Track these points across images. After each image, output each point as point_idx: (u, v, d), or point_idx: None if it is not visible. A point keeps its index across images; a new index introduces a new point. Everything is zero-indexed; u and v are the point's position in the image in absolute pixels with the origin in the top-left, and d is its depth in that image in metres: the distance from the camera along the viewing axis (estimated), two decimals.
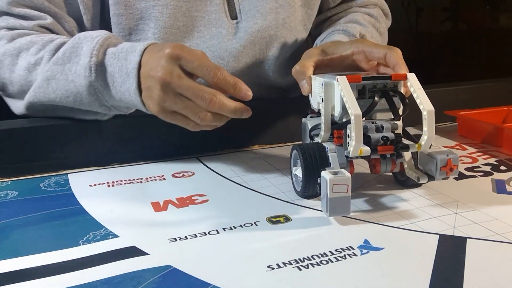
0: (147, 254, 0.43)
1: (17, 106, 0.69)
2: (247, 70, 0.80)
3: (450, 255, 0.42)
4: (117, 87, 0.60)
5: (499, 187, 0.57)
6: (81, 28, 0.73)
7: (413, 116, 0.53)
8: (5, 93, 0.70)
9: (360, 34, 0.79)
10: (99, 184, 0.61)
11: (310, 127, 0.58)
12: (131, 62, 0.58)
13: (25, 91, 0.66)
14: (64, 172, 0.65)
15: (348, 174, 0.47)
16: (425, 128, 0.48)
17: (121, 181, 0.62)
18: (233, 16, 0.77)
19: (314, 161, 0.51)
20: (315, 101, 0.57)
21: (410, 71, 0.53)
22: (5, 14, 0.69)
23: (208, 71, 0.54)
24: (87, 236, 0.47)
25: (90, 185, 0.61)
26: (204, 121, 0.55)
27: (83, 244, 0.45)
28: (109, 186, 0.60)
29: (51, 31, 0.70)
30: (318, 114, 0.58)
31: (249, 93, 0.55)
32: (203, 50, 0.75)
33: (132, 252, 0.44)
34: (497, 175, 0.61)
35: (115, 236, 0.47)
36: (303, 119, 0.61)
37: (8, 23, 0.69)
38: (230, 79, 0.55)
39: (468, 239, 0.45)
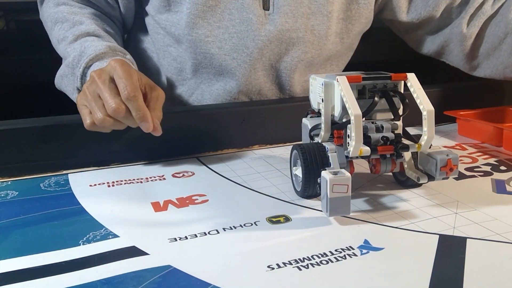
0: (147, 254, 0.44)
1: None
2: (268, 65, 0.81)
3: (450, 255, 0.42)
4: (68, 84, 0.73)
5: (499, 187, 0.57)
6: None
7: (414, 116, 0.53)
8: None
9: None
10: (99, 184, 0.61)
11: (310, 127, 0.58)
12: (81, 67, 0.69)
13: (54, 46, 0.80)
14: (64, 172, 0.66)
15: (348, 174, 0.47)
16: (425, 128, 0.48)
17: (121, 181, 0.62)
18: (266, 7, 0.78)
19: (314, 161, 0.51)
20: (315, 101, 0.57)
21: (410, 71, 0.52)
22: None
23: (125, 85, 0.57)
24: (87, 236, 0.47)
25: (90, 185, 0.61)
26: (102, 123, 0.59)
27: (83, 244, 0.45)
28: (109, 186, 0.60)
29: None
30: (318, 114, 0.58)
31: (150, 128, 0.59)
32: (231, 34, 0.79)
33: (132, 252, 0.44)
34: (497, 175, 0.61)
35: (115, 236, 0.47)
36: (303, 119, 0.61)
37: None
38: (137, 106, 0.58)
39: (468, 239, 0.45)
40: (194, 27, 0.78)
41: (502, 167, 0.64)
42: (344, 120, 0.51)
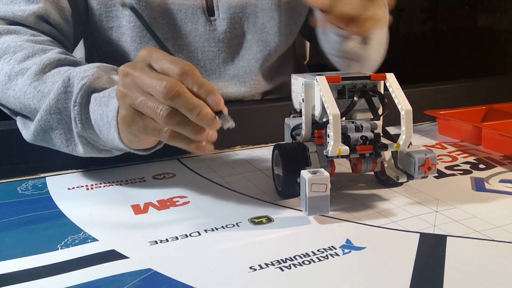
0: (127, 257, 0.43)
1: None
2: (227, 75, 0.80)
3: (431, 253, 0.43)
4: (104, 136, 0.53)
5: (478, 185, 0.58)
6: (68, 16, 0.70)
7: (395, 115, 0.53)
8: None
9: None
10: (77, 187, 0.60)
11: (292, 127, 0.58)
12: (112, 109, 0.50)
13: (1, 99, 0.61)
14: (42, 175, 0.64)
15: (326, 173, 0.47)
16: (403, 128, 0.49)
17: (100, 183, 0.61)
18: (211, 13, 0.75)
19: (295, 160, 0.51)
20: (297, 101, 0.57)
21: (390, 71, 0.53)
22: None
23: (175, 63, 0.45)
24: (66, 240, 0.46)
25: (69, 188, 0.59)
26: (168, 120, 0.44)
27: (61, 249, 0.45)
28: (88, 189, 0.59)
29: (42, 19, 0.67)
30: (300, 114, 0.58)
31: (221, 103, 0.46)
32: (181, 47, 0.74)
33: (112, 255, 0.43)
34: (476, 173, 0.62)
35: (94, 239, 0.46)
36: (286, 119, 0.61)
37: None
38: (200, 79, 0.45)
39: (448, 237, 0.45)
40: (141, 42, 0.74)
41: (481, 166, 0.65)
42: (324, 119, 0.51)
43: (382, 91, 0.53)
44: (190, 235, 0.47)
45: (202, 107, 0.44)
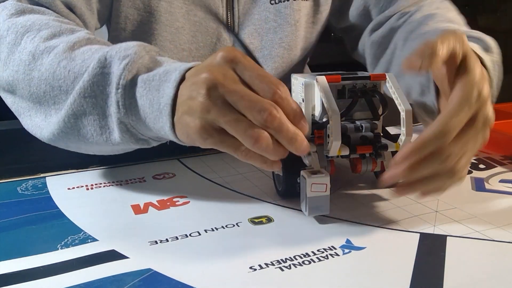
0: (127, 257, 0.43)
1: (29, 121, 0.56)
2: None
3: (431, 253, 0.43)
4: (150, 124, 0.48)
5: (478, 185, 0.58)
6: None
7: (395, 115, 0.53)
8: None
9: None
10: (77, 187, 0.60)
11: None
12: (164, 95, 0.46)
13: (19, 83, 0.53)
14: (42, 175, 0.64)
15: (326, 174, 0.47)
16: (403, 128, 0.49)
17: (100, 183, 0.61)
18: (231, 29, 0.75)
19: (295, 160, 0.51)
20: (297, 101, 0.57)
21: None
22: None
23: (269, 84, 0.42)
24: (66, 240, 0.46)
25: (69, 188, 0.59)
26: (258, 144, 0.41)
27: (61, 249, 0.45)
28: (88, 189, 0.59)
29: (68, 6, 0.62)
30: None
31: (305, 143, 0.43)
32: (195, 58, 0.74)
33: (112, 255, 0.43)
34: (476, 173, 0.62)
35: (94, 240, 0.46)
36: None
37: None
38: (294, 104, 0.43)
39: (448, 237, 0.45)
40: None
41: (481, 166, 0.65)
42: (324, 119, 0.51)
43: (381, 91, 0.53)
44: (190, 235, 0.47)
45: (298, 135, 0.43)
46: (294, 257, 0.42)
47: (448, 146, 0.43)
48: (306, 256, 0.42)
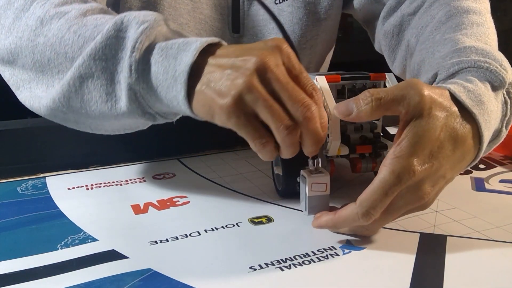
0: (127, 257, 0.43)
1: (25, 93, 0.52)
2: None
3: (431, 253, 0.43)
4: (162, 93, 0.45)
5: (478, 185, 0.58)
6: None
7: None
8: None
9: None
10: (77, 187, 0.60)
11: None
12: (182, 63, 0.43)
13: (21, 50, 0.50)
14: (42, 175, 0.64)
15: (326, 173, 0.47)
16: None
17: (100, 183, 0.61)
18: (236, 30, 0.75)
19: (295, 160, 0.51)
20: None
21: (390, 71, 0.53)
22: None
23: (310, 83, 0.43)
24: (66, 240, 0.46)
25: (69, 188, 0.59)
26: (290, 136, 0.41)
27: (61, 248, 0.45)
28: (88, 189, 0.59)
29: None
30: None
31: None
32: None
33: (112, 255, 0.43)
34: (476, 173, 0.62)
35: (94, 239, 0.46)
36: None
37: None
38: (323, 110, 0.43)
39: (448, 237, 0.45)
40: None
41: (481, 166, 0.65)
42: None
43: None
44: (190, 235, 0.47)
45: (323, 139, 0.43)
46: (294, 257, 0.42)
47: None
48: (306, 256, 0.42)
